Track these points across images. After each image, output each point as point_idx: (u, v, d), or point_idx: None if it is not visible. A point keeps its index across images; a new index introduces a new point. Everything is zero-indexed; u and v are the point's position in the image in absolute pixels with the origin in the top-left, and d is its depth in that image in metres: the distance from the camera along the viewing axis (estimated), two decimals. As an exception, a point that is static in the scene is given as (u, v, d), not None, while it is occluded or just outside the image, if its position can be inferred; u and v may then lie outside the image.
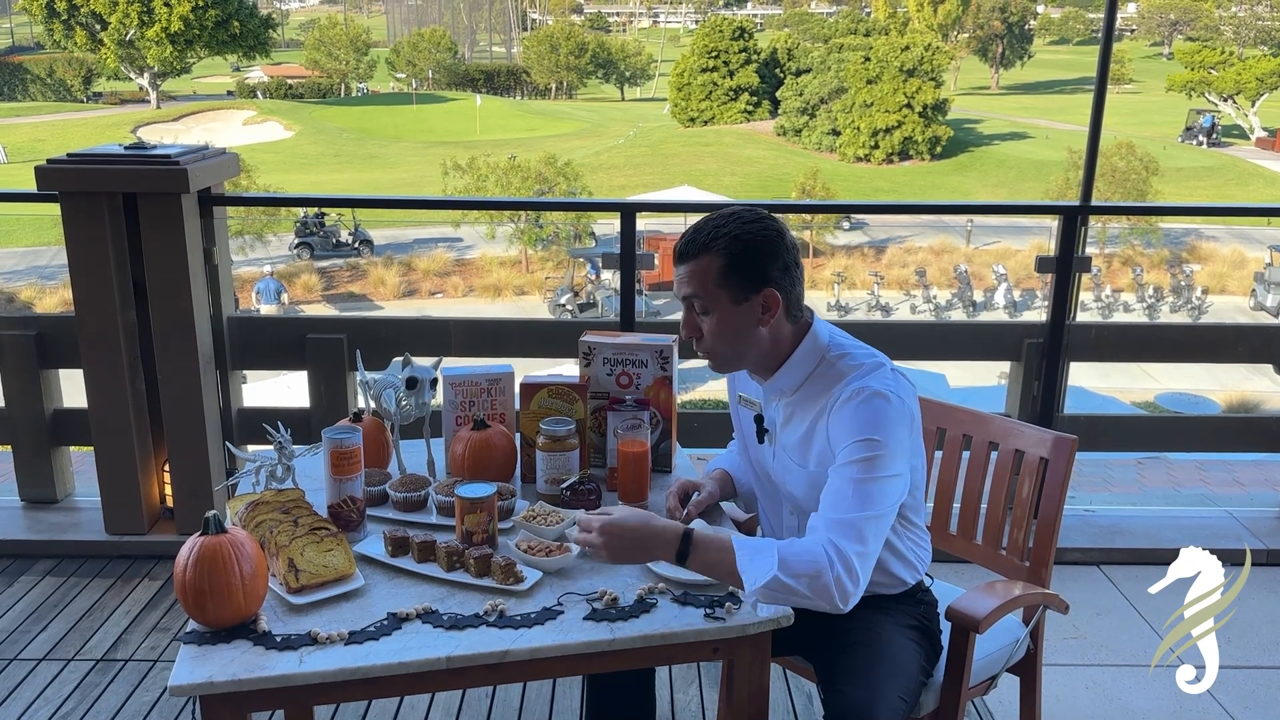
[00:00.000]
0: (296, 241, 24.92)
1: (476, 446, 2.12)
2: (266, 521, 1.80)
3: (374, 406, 2.19)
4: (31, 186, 3.33)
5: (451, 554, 1.78)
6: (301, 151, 40.53)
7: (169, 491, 3.65)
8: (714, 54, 44.09)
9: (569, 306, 20.64)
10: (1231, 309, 22.57)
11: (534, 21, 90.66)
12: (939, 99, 38.16)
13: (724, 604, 1.71)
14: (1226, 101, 44.44)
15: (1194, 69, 44.88)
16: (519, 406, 2.23)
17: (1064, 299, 3.68)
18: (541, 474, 2.09)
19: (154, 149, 3.41)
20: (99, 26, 45.14)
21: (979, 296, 22.74)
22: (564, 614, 1.68)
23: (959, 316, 21.91)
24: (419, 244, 26.30)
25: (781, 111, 42.30)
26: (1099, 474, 5.39)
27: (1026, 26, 63.65)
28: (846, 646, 1.91)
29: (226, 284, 3.70)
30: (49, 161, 3.31)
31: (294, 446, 2.00)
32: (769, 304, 1.84)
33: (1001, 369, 4.37)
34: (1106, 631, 3.22)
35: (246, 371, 4.01)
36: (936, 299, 22.65)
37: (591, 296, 21.14)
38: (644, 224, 23.54)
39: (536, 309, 22.31)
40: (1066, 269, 3.67)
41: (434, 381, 2.17)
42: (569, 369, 2.51)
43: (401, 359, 2.15)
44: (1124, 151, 29.05)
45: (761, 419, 2.00)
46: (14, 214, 25.04)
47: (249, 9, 48.71)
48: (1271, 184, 35.23)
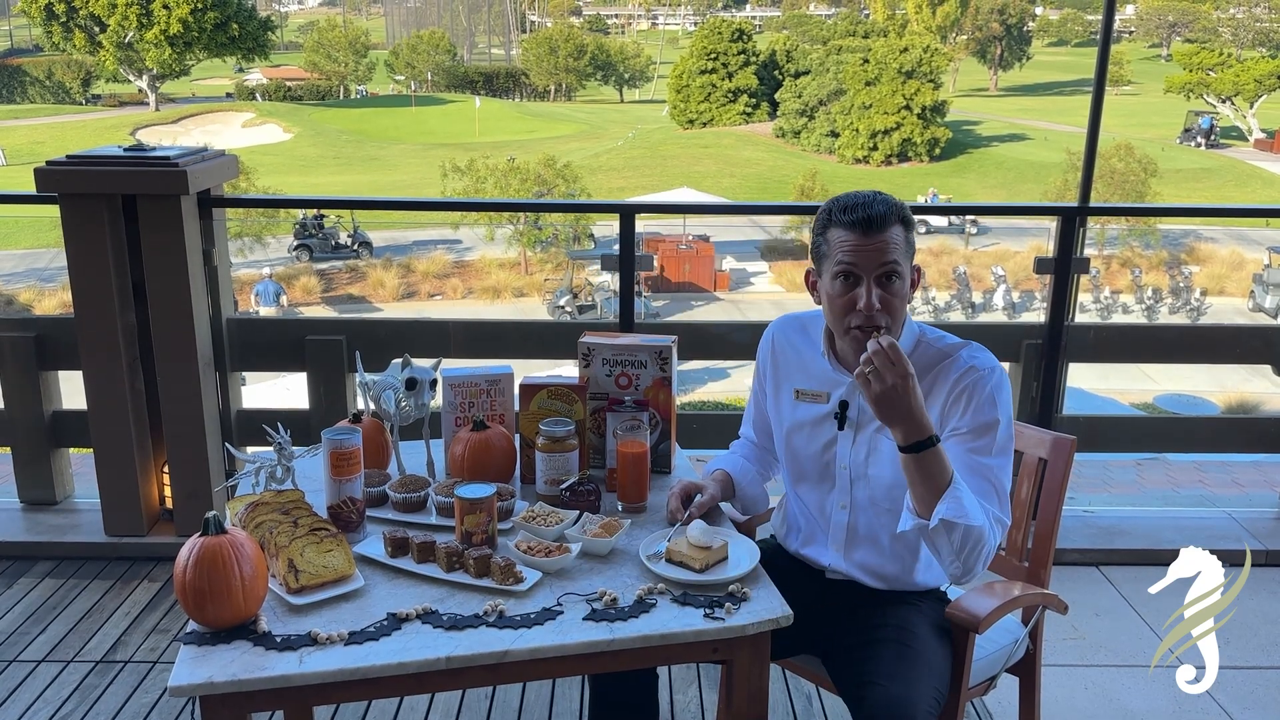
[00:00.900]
0: (295, 243, 24.92)
1: (476, 447, 2.13)
2: (266, 522, 1.80)
3: (373, 408, 2.19)
4: (30, 188, 3.34)
5: (451, 554, 1.78)
6: (300, 153, 40.53)
7: (168, 493, 3.65)
8: (713, 56, 44.12)
9: (568, 308, 20.64)
10: (1230, 310, 22.58)
11: (533, 24, 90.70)
12: (937, 101, 38.20)
13: (723, 604, 1.71)
14: (1225, 103, 44.48)
15: (1192, 70, 44.92)
16: (518, 407, 2.23)
17: (1063, 300, 3.69)
18: (541, 475, 2.09)
19: (153, 151, 3.41)
20: (98, 29, 45.13)
21: (978, 298, 22.74)
22: (563, 614, 1.69)
23: (958, 318, 21.91)
24: (418, 246, 26.29)
25: (780, 113, 42.33)
26: (1098, 475, 5.39)
27: (1025, 28, 63.69)
28: (876, 643, 1.91)
29: (226, 286, 3.70)
30: (49, 163, 3.31)
31: (294, 448, 2.00)
32: (917, 279, 1.93)
33: (1000, 370, 4.37)
34: (1105, 632, 3.22)
35: (245, 373, 4.01)
36: (935, 300, 22.65)
37: (591, 298, 21.14)
38: (643, 226, 23.56)
39: (535, 311, 22.31)
40: (1065, 270, 3.67)
41: (433, 383, 2.17)
42: (568, 370, 2.50)
43: (401, 360, 2.16)
44: (1122, 153, 29.09)
45: (846, 405, 1.99)
46: (13, 216, 25.06)
47: (248, 11, 48.72)
48: (1270, 185, 35.25)
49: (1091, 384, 13.09)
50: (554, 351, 4.03)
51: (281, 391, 10.49)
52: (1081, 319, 4.06)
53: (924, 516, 1.79)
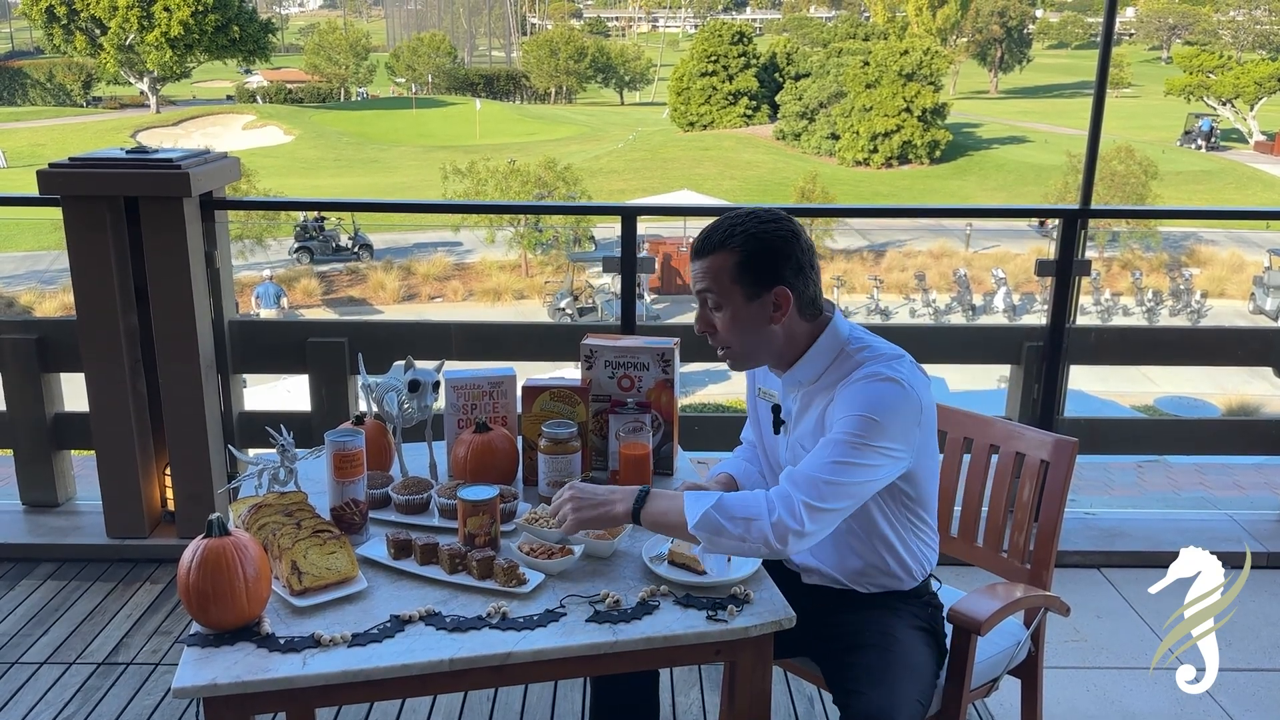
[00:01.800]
0: (296, 246, 24.93)
1: (478, 449, 2.13)
2: (270, 524, 1.80)
3: (376, 410, 2.19)
4: (32, 190, 3.34)
5: (454, 556, 1.79)
6: (301, 156, 40.54)
7: (170, 495, 3.65)
8: (713, 58, 44.09)
9: (568, 310, 20.64)
10: (1231, 313, 22.58)
11: (533, 26, 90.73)
12: (938, 103, 38.17)
13: (726, 606, 1.72)
14: (1225, 105, 44.48)
15: (1192, 73, 44.91)
16: (521, 409, 2.23)
17: (1064, 302, 3.69)
18: (543, 476, 2.09)
19: (155, 153, 3.41)
20: (99, 31, 45.15)
21: (978, 300, 22.75)
22: (566, 616, 1.69)
23: (958, 320, 21.91)
24: (419, 248, 26.30)
25: (781, 116, 42.32)
26: (1099, 477, 5.39)
27: (1025, 31, 63.67)
28: (859, 648, 1.91)
29: (228, 288, 3.70)
30: (51, 165, 3.32)
31: (296, 450, 2.00)
32: (780, 302, 1.87)
33: (1001, 372, 4.38)
34: (1107, 634, 3.22)
35: (246, 375, 4.01)
36: (936, 303, 22.66)
37: (591, 300, 21.14)
38: (644, 228, 23.56)
39: (536, 313, 22.31)
40: (1066, 272, 3.68)
41: (436, 385, 2.18)
42: (569, 372, 2.51)
43: (404, 362, 2.16)
44: (1123, 155, 29.09)
45: (779, 409, 2.02)
46: (14, 218, 25.05)
47: (249, 14, 48.74)
48: (1270, 188, 35.25)
49: (1092, 386, 13.08)
50: (555, 354, 4.03)
51: (283, 394, 10.50)
52: (1082, 321, 4.05)
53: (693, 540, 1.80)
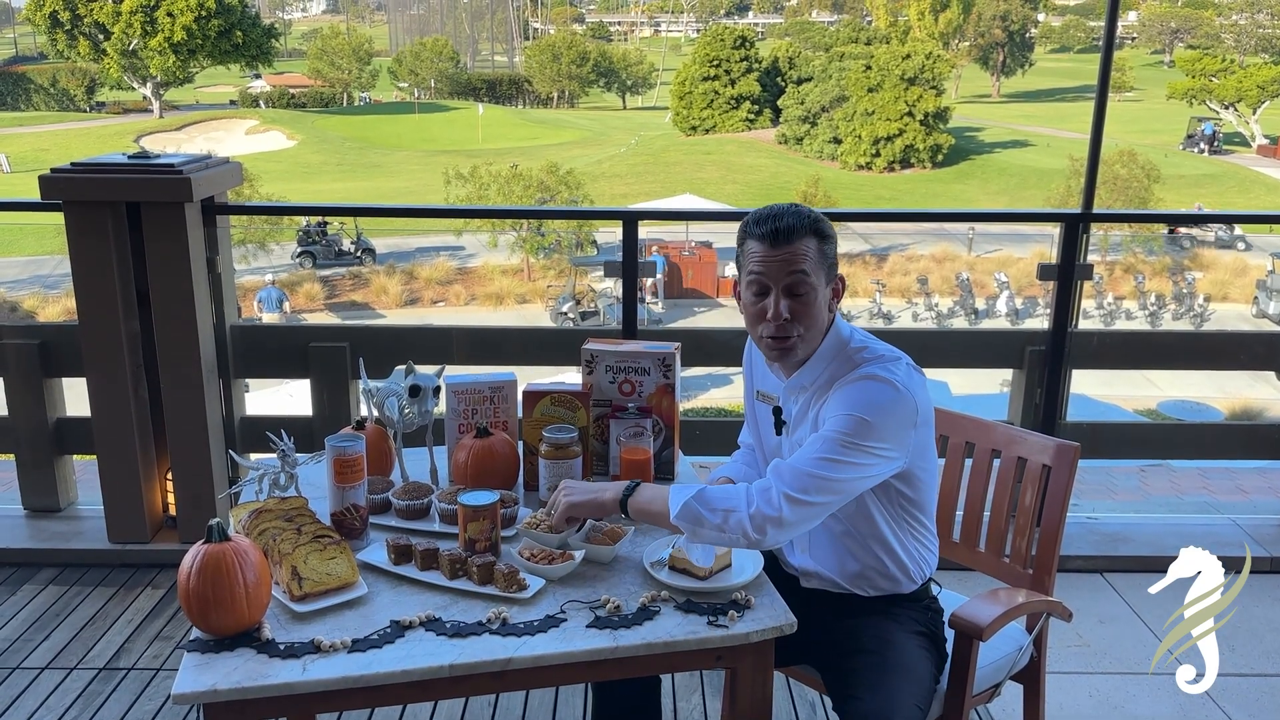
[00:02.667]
0: (299, 250, 24.97)
1: (479, 454, 2.13)
2: (270, 529, 1.80)
3: (377, 414, 2.19)
4: (35, 195, 3.34)
5: (454, 562, 1.78)
6: (304, 161, 40.60)
7: (171, 500, 3.65)
8: (715, 63, 44.14)
9: (571, 315, 20.64)
10: (1234, 316, 22.54)
11: (536, 31, 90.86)
12: (940, 107, 38.19)
13: (727, 611, 1.71)
14: (1228, 109, 44.47)
15: (1195, 77, 44.92)
16: (521, 414, 2.23)
17: (1066, 306, 3.68)
18: (544, 481, 2.09)
19: (157, 158, 3.42)
20: (102, 36, 45.29)
21: (981, 304, 22.72)
22: (567, 621, 1.68)
23: (961, 324, 21.89)
24: (421, 252, 26.33)
25: (783, 120, 42.35)
26: (1102, 481, 5.38)
27: (1027, 34, 63.72)
28: (857, 653, 1.91)
29: (229, 293, 3.70)
30: (53, 171, 3.32)
31: (297, 455, 2.00)
32: (839, 289, 1.92)
33: (1004, 376, 4.38)
34: (1110, 639, 3.21)
35: (248, 380, 4.01)
36: (938, 307, 22.63)
37: (594, 304, 21.15)
38: (646, 232, 23.57)
39: (538, 317, 22.32)
40: (1068, 277, 3.67)
41: (437, 389, 2.18)
42: (571, 377, 2.51)
43: (404, 367, 2.16)
44: (1125, 159, 29.08)
45: (780, 411, 2.02)
46: (17, 223, 25.11)
47: (252, 19, 48.89)
48: (1273, 191, 35.24)
49: (1095, 390, 13.06)
50: (557, 358, 4.03)
51: (285, 398, 10.51)
52: (1085, 325, 4.05)
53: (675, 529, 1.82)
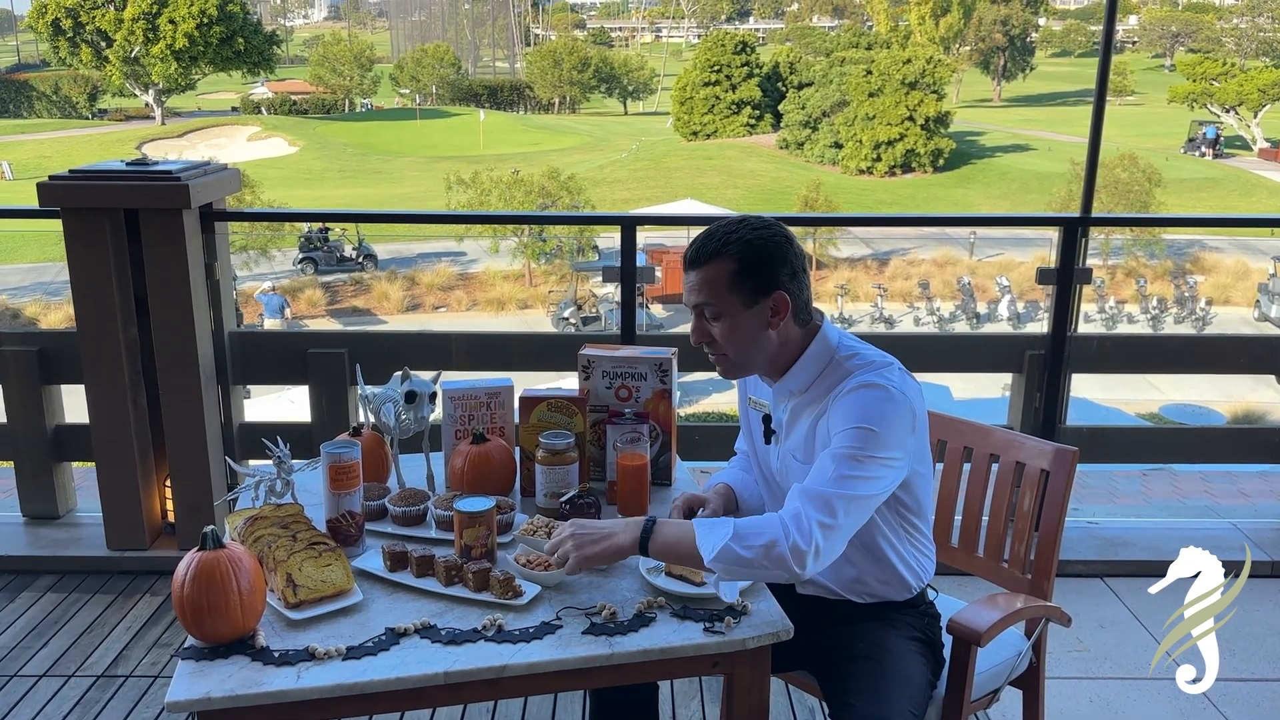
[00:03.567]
0: (301, 256, 25.00)
1: (476, 460, 2.12)
2: (265, 536, 1.79)
3: (373, 421, 2.19)
4: (35, 203, 3.34)
5: (450, 568, 1.78)
6: (306, 167, 40.67)
7: (170, 507, 3.65)
8: (716, 68, 44.20)
9: (572, 320, 20.64)
10: (1236, 320, 22.51)
11: (537, 37, 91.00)
12: (941, 111, 38.21)
13: (724, 618, 1.71)
14: (1229, 113, 44.46)
15: (1196, 80, 44.90)
16: (518, 420, 2.23)
17: (1065, 311, 3.68)
18: (541, 488, 2.09)
19: (155, 165, 3.42)
20: (104, 44, 45.39)
21: (982, 308, 22.72)
22: (563, 628, 1.68)
23: (963, 328, 21.88)
24: (423, 258, 26.36)
25: (784, 125, 42.39)
26: (1103, 486, 5.36)
27: (1028, 39, 63.75)
28: (853, 660, 1.91)
29: (228, 299, 3.70)
30: (51, 178, 3.32)
31: (293, 461, 2.00)
32: (778, 307, 1.87)
33: (1005, 380, 4.37)
34: (1110, 644, 3.20)
35: (251, 386, 4.01)
36: (940, 311, 22.63)
37: (595, 309, 21.15)
38: (646, 237, 23.57)
39: (540, 323, 22.33)
40: (1067, 281, 3.67)
41: (433, 395, 2.17)
42: (570, 383, 2.50)
43: (401, 373, 2.15)
44: (1127, 163, 29.08)
45: (769, 419, 2.02)
46: (19, 230, 25.14)
47: (253, 26, 48.98)
48: (1275, 195, 35.22)
49: (1097, 394, 13.05)
50: (556, 364, 4.03)
51: (286, 404, 10.51)
52: (1086, 329, 4.05)
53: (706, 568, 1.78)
